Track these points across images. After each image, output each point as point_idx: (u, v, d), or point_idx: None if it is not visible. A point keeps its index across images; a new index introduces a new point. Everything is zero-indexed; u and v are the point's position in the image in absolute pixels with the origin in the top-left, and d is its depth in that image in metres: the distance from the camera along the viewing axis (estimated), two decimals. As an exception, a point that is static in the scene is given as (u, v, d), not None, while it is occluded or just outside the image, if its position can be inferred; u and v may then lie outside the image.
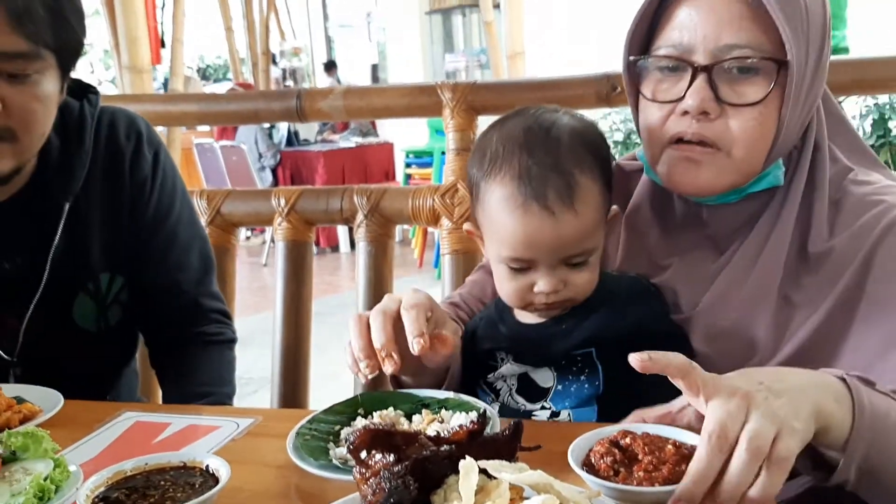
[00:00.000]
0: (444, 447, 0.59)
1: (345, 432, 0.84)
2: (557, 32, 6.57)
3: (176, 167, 1.44)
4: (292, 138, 7.76)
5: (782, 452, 0.68)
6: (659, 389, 0.79)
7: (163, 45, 4.95)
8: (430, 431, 0.77)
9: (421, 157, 6.84)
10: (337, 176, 7.39)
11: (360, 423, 0.85)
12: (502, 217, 0.96)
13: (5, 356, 1.25)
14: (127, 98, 2.09)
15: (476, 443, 0.61)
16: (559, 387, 0.98)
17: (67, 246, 1.26)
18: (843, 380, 0.80)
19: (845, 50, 4.74)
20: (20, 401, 0.97)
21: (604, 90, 1.65)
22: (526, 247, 0.95)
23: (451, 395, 0.90)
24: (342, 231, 6.83)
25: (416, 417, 0.86)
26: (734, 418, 0.69)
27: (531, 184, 0.94)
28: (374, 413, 0.86)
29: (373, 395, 0.91)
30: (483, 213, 0.99)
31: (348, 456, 0.77)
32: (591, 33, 6.42)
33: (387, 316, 0.90)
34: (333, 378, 1.70)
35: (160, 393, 1.76)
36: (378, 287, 1.73)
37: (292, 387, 1.71)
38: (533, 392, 0.99)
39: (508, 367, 1.01)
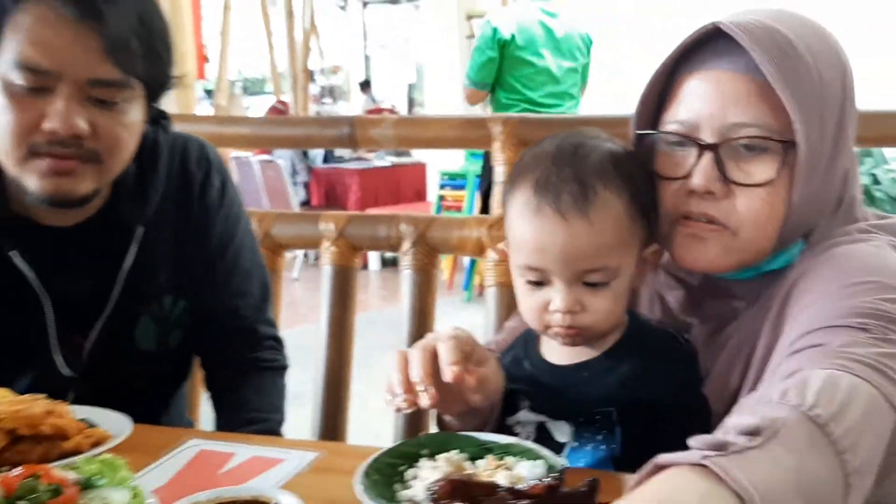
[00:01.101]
0: (524, 502, 0.60)
1: (410, 473, 0.85)
2: (597, 56, 6.58)
3: (240, 195, 1.47)
4: (327, 155, 7.82)
5: None
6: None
7: (206, 60, 5.03)
8: (499, 478, 0.78)
9: (455, 180, 6.86)
10: (370, 194, 7.43)
11: (424, 464, 0.86)
12: (518, 223, 0.96)
13: (68, 373, 1.27)
14: (184, 118, 2.12)
15: (555, 498, 0.61)
16: (575, 443, 0.97)
17: (136, 269, 1.29)
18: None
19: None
20: (90, 424, 0.99)
21: (655, 129, 1.66)
22: (537, 253, 0.94)
23: (513, 440, 0.91)
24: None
25: (480, 462, 0.87)
26: None
27: (548, 189, 0.94)
28: (439, 455, 0.87)
29: (436, 436, 0.92)
30: (506, 226, 1.00)
31: (416, 498, 0.79)
32: (629, 62, 6.42)
33: (426, 351, 0.91)
34: (360, 397, 1.73)
35: (201, 412, 1.80)
36: (421, 316, 1.74)
37: (333, 411, 1.73)
38: (549, 445, 0.96)
39: (525, 415, 1.01)
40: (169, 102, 3.76)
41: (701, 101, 0.94)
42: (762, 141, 0.92)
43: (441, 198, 6.92)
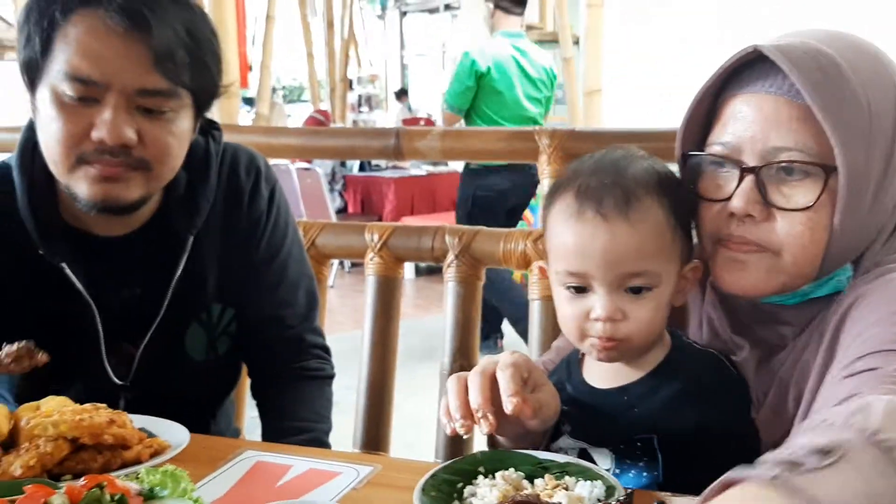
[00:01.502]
0: (592, 525, 0.59)
1: (468, 490, 0.85)
2: (635, 71, 6.55)
3: (289, 205, 1.48)
4: (364, 163, 7.87)
5: None
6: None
7: (249, 69, 5.10)
8: (559, 498, 0.77)
9: (491, 189, 6.84)
10: (406, 203, 7.46)
11: (482, 482, 0.86)
12: (559, 229, 0.96)
13: (119, 381, 1.29)
14: (233, 129, 2.15)
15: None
16: (617, 470, 0.95)
17: (185, 277, 1.30)
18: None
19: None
20: (149, 434, 1.00)
21: (705, 145, 1.64)
22: (579, 256, 0.94)
23: (571, 459, 0.90)
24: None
25: (538, 481, 0.86)
26: None
27: (589, 194, 0.94)
28: (496, 473, 0.87)
29: (492, 454, 0.92)
30: (547, 237, 1.00)
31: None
32: (670, 74, 6.38)
33: (485, 377, 0.90)
34: (396, 407, 1.74)
35: (245, 419, 1.81)
36: (465, 328, 1.74)
37: (376, 423, 1.73)
38: None
39: (566, 441, 1.00)
40: (212, 111, 3.82)
41: (743, 124, 0.94)
42: (802, 165, 0.91)
43: (479, 208, 6.91)
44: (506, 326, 4.95)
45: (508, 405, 0.87)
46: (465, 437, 0.86)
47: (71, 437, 0.92)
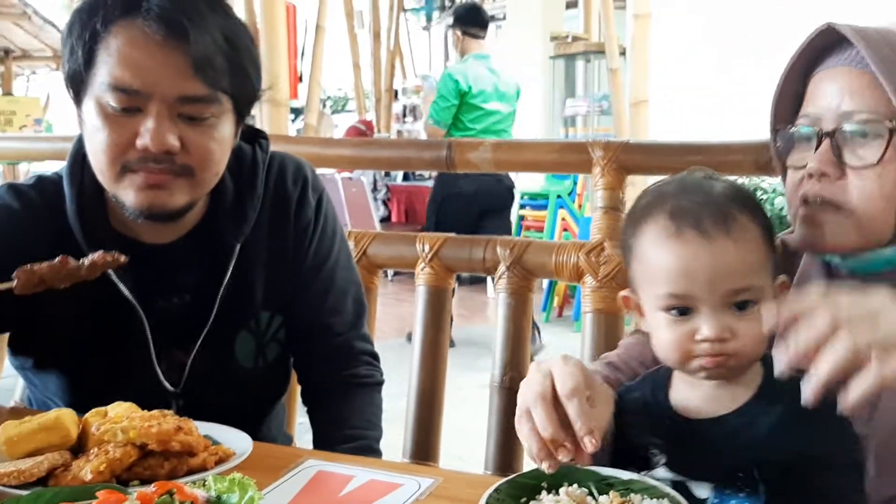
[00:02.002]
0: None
1: (533, 507, 0.85)
2: (682, 81, 6.49)
3: (336, 213, 1.49)
4: (408, 172, 7.91)
5: None
6: None
7: (300, 80, 5.17)
8: (625, 516, 0.76)
9: (536, 200, 6.85)
10: (449, 212, 7.46)
11: (546, 497, 0.85)
12: (655, 252, 0.94)
13: (170, 389, 1.31)
14: (288, 139, 2.18)
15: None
16: (716, 500, 0.92)
17: (234, 285, 1.31)
18: None
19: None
20: (213, 441, 1.02)
21: (763, 158, 1.61)
22: (684, 278, 0.91)
23: (635, 476, 0.89)
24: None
25: (602, 498, 0.85)
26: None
27: (685, 214, 0.93)
28: (560, 489, 0.86)
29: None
30: (637, 264, 0.97)
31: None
32: (717, 85, 6.31)
33: (547, 404, 0.87)
34: (443, 417, 1.74)
35: (296, 424, 1.83)
36: (516, 340, 1.73)
37: (426, 434, 1.73)
38: (689, 500, 0.91)
39: (661, 472, 0.96)
40: (262, 120, 3.88)
41: (823, 97, 1.05)
42: (870, 125, 1.00)
43: (522, 217, 6.91)
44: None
45: (588, 444, 0.85)
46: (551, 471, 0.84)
47: (139, 443, 0.94)
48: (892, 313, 0.80)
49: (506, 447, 1.64)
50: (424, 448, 1.70)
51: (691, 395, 0.98)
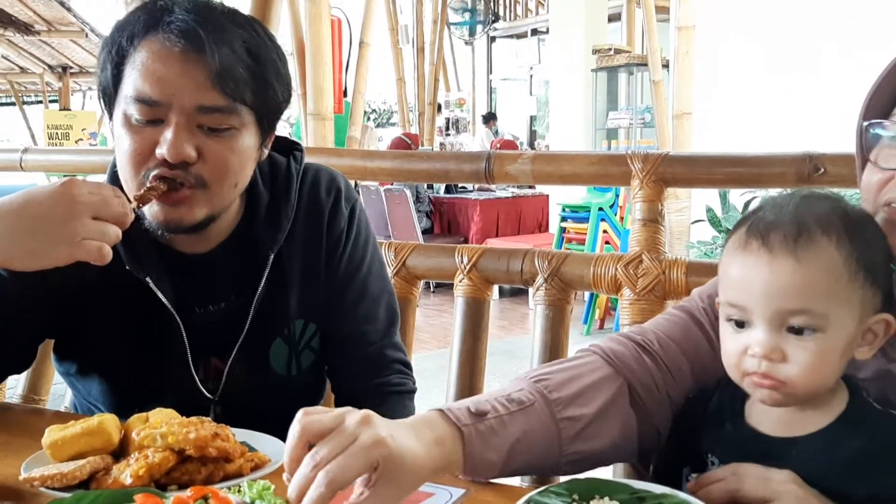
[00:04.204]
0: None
1: (562, 518, 0.84)
2: (725, 93, 6.43)
3: (369, 223, 1.50)
4: (451, 185, 7.94)
5: None
6: None
7: (345, 94, 5.23)
8: (655, 530, 0.76)
9: (577, 212, 6.82)
10: (491, 225, 7.48)
11: (577, 509, 0.85)
12: (725, 260, 0.94)
13: (207, 396, 1.33)
14: (329, 152, 2.21)
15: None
16: None
17: (269, 293, 1.33)
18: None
19: None
20: (250, 448, 1.03)
21: (805, 170, 1.59)
22: (739, 287, 0.91)
23: (668, 490, 0.88)
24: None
25: (633, 511, 0.85)
26: None
27: (760, 227, 0.91)
28: (590, 502, 0.86)
29: (586, 482, 0.90)
30: (719, 270, 0.98)
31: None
32: (761, 97, 6.23)
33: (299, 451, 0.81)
34: None
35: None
36: (554, 351, 1.73)
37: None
38: None
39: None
40: (307, 133, 3.94)
41: None
42: None
43: (563, 230, 6.88)
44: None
45: None
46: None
47: (178, 448, 0.96)
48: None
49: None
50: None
51: (769, 411, 0.95)
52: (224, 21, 1.20)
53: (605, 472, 1.30)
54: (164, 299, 1.27)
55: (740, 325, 0.93)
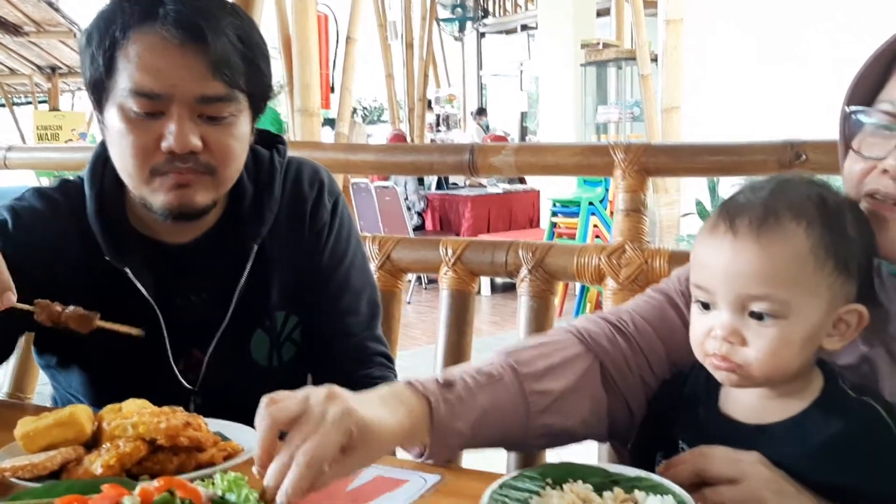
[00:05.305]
0: (659, 537, 0.58)
1: (535, 501, 0.84)
2: (714, 87, 6.44)
3: (352, 216, 1.51)
4: (442, 182, 7.94)
5: None
6: None
7: (332, 90, 5.22)
8: (627, 512, 0.76)
9: (568, 207, 6.82)
10: (483, 221, 7.48)
11: (550, 493, 0.85)
12: (695, 244, 0.95)
13: (187, 387, 1.33)
14: (311, 145, 2.21)
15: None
16: None
17: (250, 285, 1.33)
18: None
19: None
20: (223, 437, 1.03)
21: (786, 157, 1.59)
22: (703, 269, 0.92)
23: (642, 473, 0.88)
24: (485, 275, 6.90)
25: (606, 494, 0.84)
26: None
27: (729, 210, 0.91)
28: (564, 485, 0.86)
29: (560, 466, 0.90)
30: None
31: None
32: (750, 91, 6.24)
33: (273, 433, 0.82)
34: None
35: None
36: (538, 343, 1.73)
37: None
38: None
39: None
40: (295, 129, 3.93)
41: None
42: None
43: (553, 225, 6.89)
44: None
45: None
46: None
47: (149, 438, 0.95)
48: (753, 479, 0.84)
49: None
50: (447, 452, 1.70)
51: (741, 397, 0.96)
52: (216, 9, 1.21)
53: (585, 455, 1.31)
54: (142, 289, 1.27)
55: (706, 307, 0.93)
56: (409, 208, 7.42)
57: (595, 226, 6.53)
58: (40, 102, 13.24)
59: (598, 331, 1.09)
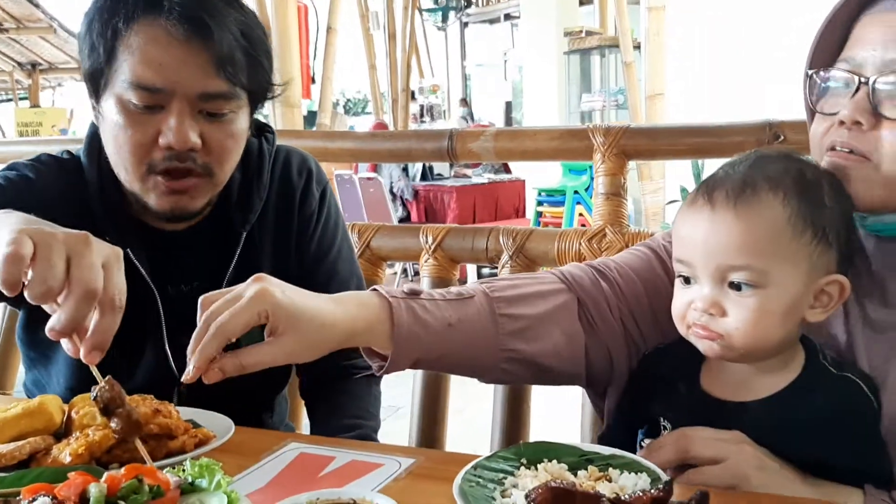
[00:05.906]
0: (628, 512, 0.57)
1: (510, 482, 0.83)
2: (697, 74, 6.45)
3: (339, 205, 1.50)
4: (427, 172, 7.92)
5: None
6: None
7: (312, 80, 5.19)
8: (601, 489, 0.75)
9: (553, 196, 6.83)
10: (468, 211, 7.46)
11: (524, 472, 0.84)
12: (675, 220, 0.96)
13: (177, 374, 1.31)
14: (289, 133, 2.19)
15: (661, 510, 0.58)
16: None
17: (240, 273, 1.31)
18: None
19: None
20: (195, 425, 1.02)
21: (765, 138, 1.59)
22: (683, 243, 0.93)
23: (616, 451, 0.87)
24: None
25: (581, 472, 0.84)
26: None
27: (709, 183, 0.93)
28: (538, 465, 0.85)
29: (535, 445, 0.90)
30: None
31: (515, 507, 0.77)
32: (733, 76, 6.25)
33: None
34: (456, 411, 1.72)
35: (303, 417, 1.82)
36: (520, 328, 1.72)
37: (430, 423, 1.72)
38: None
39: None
40: (276, 121, 3.92)
41: (868, 41, 0.95)
42: None
43: (539, 214, 6.89)
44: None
45: (185, 376, 0.89)
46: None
47: (118, 426, 0.94)
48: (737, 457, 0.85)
49: (512, 436, 1.62)
50: (430, 439, 1.69)
51: (722, 375, 0.96)
52: (220, 4, 1.19)
53: (568, 431, 1.30)
54: (143, 271, 1.25)
55: (688, 281, 0.94)
56: (399, 196, 7.40)
57: (581, 214, 6.55)
58: (21, 99, 13.13)
59: (581, 273, 1.10)
